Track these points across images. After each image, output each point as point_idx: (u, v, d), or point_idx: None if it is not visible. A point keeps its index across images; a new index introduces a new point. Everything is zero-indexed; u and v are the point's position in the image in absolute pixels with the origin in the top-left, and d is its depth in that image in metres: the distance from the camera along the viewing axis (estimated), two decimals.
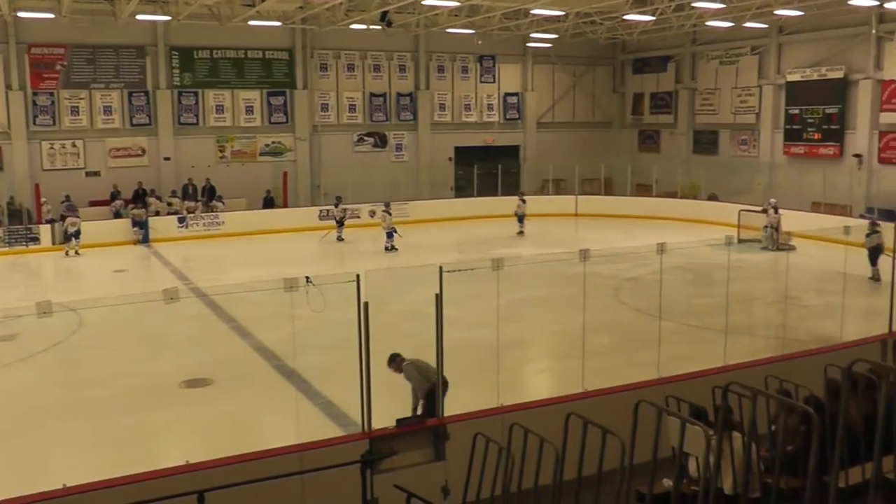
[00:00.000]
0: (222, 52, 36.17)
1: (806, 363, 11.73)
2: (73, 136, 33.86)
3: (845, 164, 33.60)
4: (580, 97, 45.01)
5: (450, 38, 38.22)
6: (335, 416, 12.74)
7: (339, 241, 31.08)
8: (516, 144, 43.18)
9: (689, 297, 20.91)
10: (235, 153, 36.83)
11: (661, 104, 43.18)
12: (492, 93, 42.47)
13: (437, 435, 9.73)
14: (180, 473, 8.59)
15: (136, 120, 34.78)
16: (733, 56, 38.91)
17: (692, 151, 41.54)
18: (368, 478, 8.65)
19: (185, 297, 14.79)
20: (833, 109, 34.19)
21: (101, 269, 26.59)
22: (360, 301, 9.24)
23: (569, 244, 25.60)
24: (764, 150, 37.53)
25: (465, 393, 11.32)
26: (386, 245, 29.02)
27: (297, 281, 9.43)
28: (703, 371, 11.82)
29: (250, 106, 36.85)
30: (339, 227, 31.43)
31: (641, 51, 43.92)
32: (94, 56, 33.87)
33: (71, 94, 33.63)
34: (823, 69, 34.51)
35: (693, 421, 6.99)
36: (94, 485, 8.41)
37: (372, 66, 39.40)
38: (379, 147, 39.93)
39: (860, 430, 6.99)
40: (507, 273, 11.12)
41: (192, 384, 14.57)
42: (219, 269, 27.12)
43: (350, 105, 38.99)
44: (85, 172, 34.15)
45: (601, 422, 6.77)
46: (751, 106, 38.15)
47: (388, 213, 29.87)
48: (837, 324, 15.01)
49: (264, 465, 8.87)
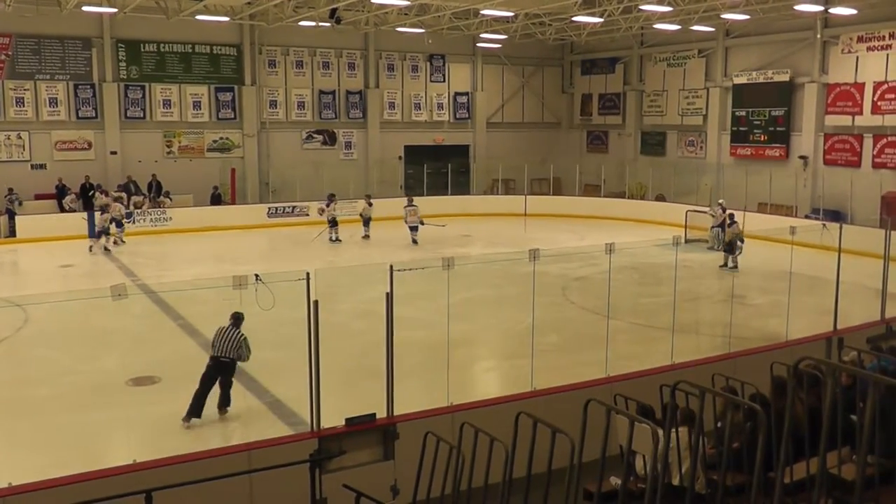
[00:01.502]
0: (169, 46, 35.83)
1: (752, 361, 11.91)
2: (17, 127, 33.33)
3: (791, 165, 34.13)
4: (529, 97, 45.22)
5: (400, 36, 38.21)
6: (284, 415, 12.67)
7: (334, 243, 30.13)
8: (466, 144, 43.28)
9: (637, 296, 21.07)
10: (183, 148, 36.50)
11: (610, 105, 43.51)
12: (441, 92, 42.52)
13: (387, 434, 9.73)
14: (127, 473, 8.52)
15: (82, 113, 34.34)
16: (680, 58, 39.33)
17: (640, 152, 41.97)
18: (317, 477, 8.63)
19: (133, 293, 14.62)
20: (779, 112, 34.71)
21: (47, 264, 26.20)
22: (310, 299, 9.22)
23: (518, 244, 25.73)
24: (711, 152, 38.00)
25: (415, 392, 11.34)
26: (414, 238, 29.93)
27: (246, 278, 9.38)
28: (650, 370, 11.95)
29: (198, 101, 36.54)
30: (333, 228, 30.47)
31: (590, 52, 44.24)
32: (40, 47, 33.38)
33: (16, 85, 33.12)
34: (769, 72, 35.01)
35: (641, 419, 7.06)
36: (41, 484, 8.32)
37: (321, 64, 39.27)
38: (328, 145, 39.80)
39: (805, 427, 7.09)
40: (457, 272, 11.14)
41: (139, 382, 14.40)
42: (166, 266, 26.84)
43: (299, 102, 38.81)
44: (30, 165, 33.68)
45: (551, 420, 6.81)
46: (698, 108, 38.60)
47: (414, 207, 30.50)
48: (783, 322, 15.23)
49: (212, 464, 8.82)
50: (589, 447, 6.76)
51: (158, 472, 8.45)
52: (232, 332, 12.54)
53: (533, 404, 9.62)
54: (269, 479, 8.80)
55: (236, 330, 12.57)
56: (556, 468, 6.66)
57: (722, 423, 7.38)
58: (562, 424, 6.69)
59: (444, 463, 7.41)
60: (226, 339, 12.46)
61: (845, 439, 6.97)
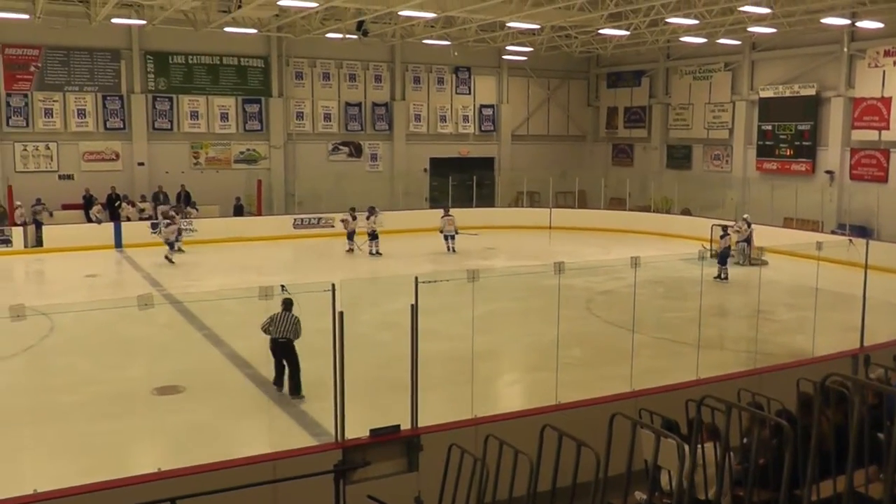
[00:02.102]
0: (197, 58, 36.07)
1: (778, 377, 11.83)
2: (46, 138, 33.64)
3: (817, 180, 33.93)
4: (555, 110, 45.22)
5: (426, 49, 38.32)
6: (308, 426, 12.70)
7: (374, 256, 29.84)
8: (491, 156, 43.31)
9: (662, 310, 20.99)
10: (209, 160, 36.72)
11: (635, 118, 43.44)
12: (467, 104, 42.59)
13: (411, 446, 9.72)
14: (152, 481, 8.54)
15: (110, 124, 34.61)
16: (707, 72, 39.23)
17: (665, 166, 41.84)
18: (341, 488, 8.63)
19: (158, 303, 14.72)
20: (805, 126, 34.54)
21: (73, 274, 26.38)
22: (335, 310, 9.23)
23: (543, 257, 25.73)
24: (737, 166, 37.85)
25: (439, 404, 11.33)
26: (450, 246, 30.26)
27: (272, 289, 9.41)
28: (676, 384, 11.88)
29: (225, 113, 36.76)
30: (373, 241, 30.18)
31: (616, 65, 44.21)
32: (69, 58, 33.69)
33: (45, 97, 33.44)
34: (796, 86, 34.86)
35: (667, 434, 7.02)
36: (66, 491, 8.34)
37: (348, 76, 39.42)
38: (354, 157, 39.92)
39: (831, 444, 7.04)
40: (481, 285, 11.12)
41: (164, 391, 14.47)
42: (192, 276, 26.95)
43: (325, 114, 38.96)
44: (58, 175, 33.96)
45: (575, 434, 6.79)
46: (724, 121, 38.48)
47: (451, 217, 30.95)
48: (809, 338, 15.13)
49: (237, 473, 8.83)
50: (614, 461, 6.73)
51: (183, 481, 8.47)
52: (286, 315, 14.17)
53: (558, 418, 9.58)
54: (294, 489, 8.81)
55: (289, 313, 14.17)
56: (581, 482, 6.63)
57: (748, 439, 7.34)
58: (587, 438, 6.67)
59: (468, 475, 7.39)
60: (282, 322, 14.15)
61: (872, 457, 6.90)
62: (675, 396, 9.73)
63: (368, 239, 30.26)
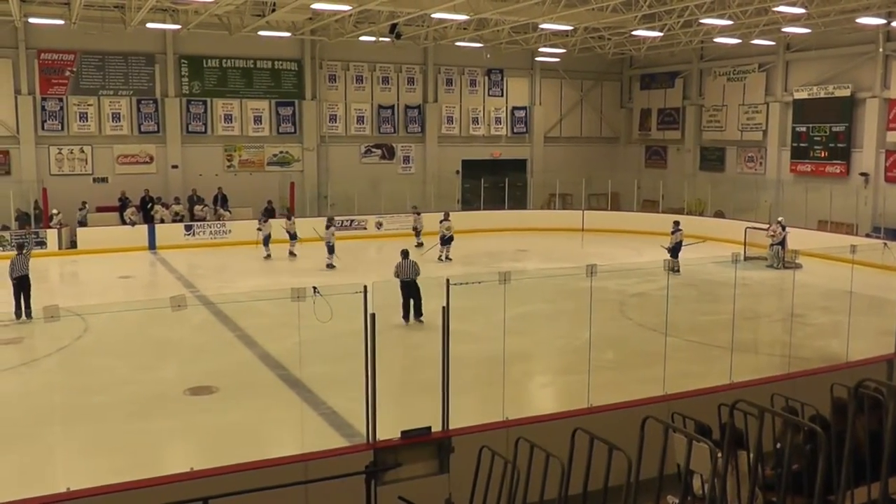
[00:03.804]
0: (231, 62, 36.30)
1: (812, 382, 11.71)
2: (81, 141, 33.99)
3: (852, 182, 33.62)
4: (587, 112, 45.10)
5: (458, 51, 38.37)
6: (340, 427, 12.73)
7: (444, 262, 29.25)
8: (523, 158, 43.27)
9: (694, 313, 20.87)
10: (243, 162, 36.95)
11: (669, 120, 43.24)
12: (499, 106, 42.56)
13: (442, 447, 9.72)
14: (185, 480, 8.59)
15: (144, 127, 34.91)
16: (740, 73, 38.98)
17: (699, 168, 41.61)
18: (373, 489, 8.65)
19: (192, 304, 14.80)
20: (840, 128, 34.23)
21: (107, 275, 26.62)
22: (367, 312, 9.24)
23: (575, 259, 25.65)
24: (770, 168, 37.57)
25: (470, 406, 11.33)
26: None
27: (304, 291, 9.43)
28: (708, 388, 11.79)
29: (259, 115, 36.97)
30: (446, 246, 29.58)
31: (649, 66, 44.04)
32: (104, 63, 34.03)
33: (80, 101, 33.80)
34: (830, 87, 34.55)
35: (700, 438, 6.97)
36: (99, 489, 8.41)
37: (380, 78, 39.54)
38: (386, 159, 40.03)
39: (866, 450, 6.96)
40: (513, 287, 11.10)
41: (197, 392, 14.56)
42: (225, 278, 27.13)
43: (358, 116, 39.10)
44: (92, 178, 34.31)
45: (607, 437, 6.76)
46: (758, 123, 38.22)
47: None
48: (843, 343, 14.96)
49: (269, 473, 8.87)
50: (646, 465, 6.69)
51: (215, 481, 8.50)
52: (408, 261, 19.41)
53: (589, 421, 9.53)
54: (325, 489, 8.82)
55: (409, 260, 19.47)
56: (613, 485, 6.60)
57: (781, 445, 7.26)
58: (618, 442, 6.63)
59: (499, 477, 7.38)
60: (406, 267, 19.30)
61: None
62: (708, 400, 9.64)
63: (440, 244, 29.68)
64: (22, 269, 20.08)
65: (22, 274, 20.02)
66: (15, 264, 20.11)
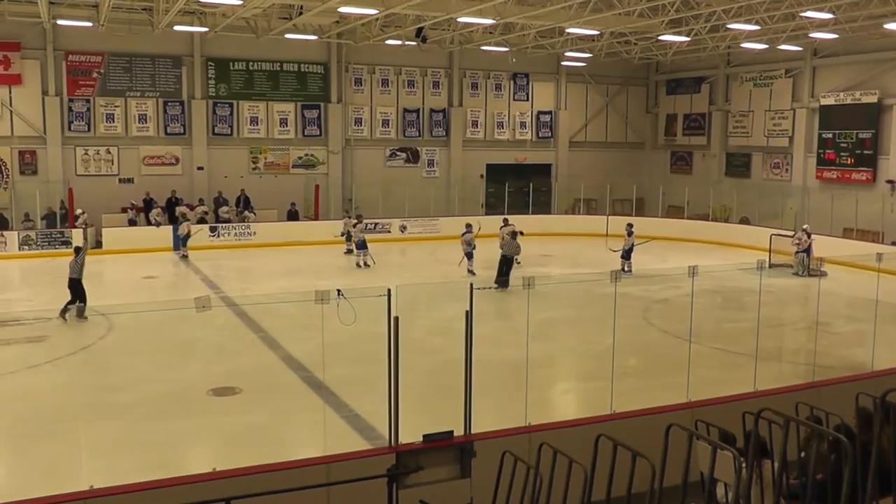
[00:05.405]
0: (258, 65, 36.43)
1: (837, 391, 11.63)
2: (107, 142, 34.21)
3: (878, 189, 33.38)
4: (613, 117, 44.98)
5: (484, 55, 38.38)
6: (362, 430, 12.73)
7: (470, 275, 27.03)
8: (548, 163, 43.20)
9: (719, 320, 20.78)
10: (268, 165, 37.08)
11: (694, 126, 43.06)
12: (525, 111, 42.52)
13: (464, 452, 9.71)
14: (207, 480, 8.63)
15: (170, 129, 35.10)
16: (767, 78, 38.79)
17: (724, 174, 41.41)
18: (395, 492, 8.66)
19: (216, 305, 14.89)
20: (866, 134, 33.99)
21: (132, 275, 26.77)
22: (391, 315, 9.25)
23: (599, 265, 25.56)
24: (796, 174, 37.34)
25: (493, 411, 11.31)
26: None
27: (328, 293, 9.45)
28: (733, 396, 11.73)
29: (284, 118, 37.09)
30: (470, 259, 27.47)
31: (675, 71, 43.86)
32: (131, 65, 34.25)
33: (106, 102, 34.00)
34: (857, 93, 34.33)
35: (724, 446, 6.94)
36: (122, 488, 8.45)
37: (406, 82, 39.59)
38: (411, 162, 40.06)
39: (891, 461, 6.90)
40: (536, 292, 11.08)
41: (220, 392, 14.61)
42: (249, 279, 27.22)
43: (383, 120, 39.16)
44: (118, 179, 34.52)
45: (630, 444, 6.74)
46: (784, 129, 38.00)
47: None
48: (868, 352, 14.85)
49: (291, 475, 8.89)
50: (669, 473, 6.67)
51: (238, 481, 8.54)
52: (509, 238, 24.78)
53: (613, 427, 9.51)
54: (347, 492, 8.84)
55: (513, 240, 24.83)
56: (636, 492, 6.59)
57: (806, 453, 7.22)
58: (642, 449, 6.62)
59: (521, 483, 7.37)
60: (506, 243, 24.74)
61: None
62: (733, 408, 9.60)
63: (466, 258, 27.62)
64: (73, 272, 20.24)
65: (70, 277, 20.18)
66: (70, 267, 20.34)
